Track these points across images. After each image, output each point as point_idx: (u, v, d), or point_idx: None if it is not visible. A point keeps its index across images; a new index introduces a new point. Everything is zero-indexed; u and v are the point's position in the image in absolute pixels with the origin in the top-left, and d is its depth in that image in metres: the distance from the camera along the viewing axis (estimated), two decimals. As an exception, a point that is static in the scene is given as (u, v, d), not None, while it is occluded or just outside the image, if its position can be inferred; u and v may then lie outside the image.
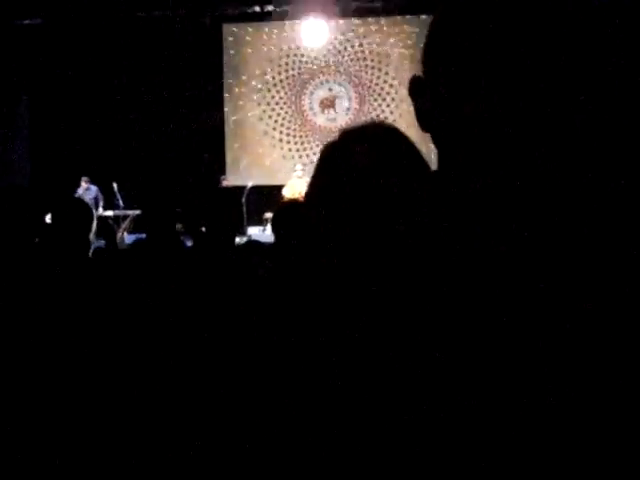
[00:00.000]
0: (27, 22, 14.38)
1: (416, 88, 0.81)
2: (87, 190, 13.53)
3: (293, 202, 3.67)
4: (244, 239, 9.30)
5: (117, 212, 13.46)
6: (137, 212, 13.43)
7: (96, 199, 13.35)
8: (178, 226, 3.62)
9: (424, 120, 0.81)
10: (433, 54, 0.77)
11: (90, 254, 3.29)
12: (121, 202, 13.60)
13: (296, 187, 12.95)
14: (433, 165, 0.96)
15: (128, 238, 12.72)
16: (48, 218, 3.48)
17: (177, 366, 2.38)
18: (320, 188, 1.08)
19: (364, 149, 1.06)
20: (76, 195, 13.23)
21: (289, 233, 2.62)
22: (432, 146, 0.82)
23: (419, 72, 0.81)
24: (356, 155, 1.06)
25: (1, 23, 13.98)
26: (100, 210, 13.23)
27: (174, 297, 2.58)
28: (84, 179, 13.67)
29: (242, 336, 1.11)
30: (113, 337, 2.46)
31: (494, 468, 0.79)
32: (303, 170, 13.42)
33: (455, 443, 0.81)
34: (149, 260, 2.93)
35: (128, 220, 13.50)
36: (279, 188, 13.43)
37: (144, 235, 3.36)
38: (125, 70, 14.72)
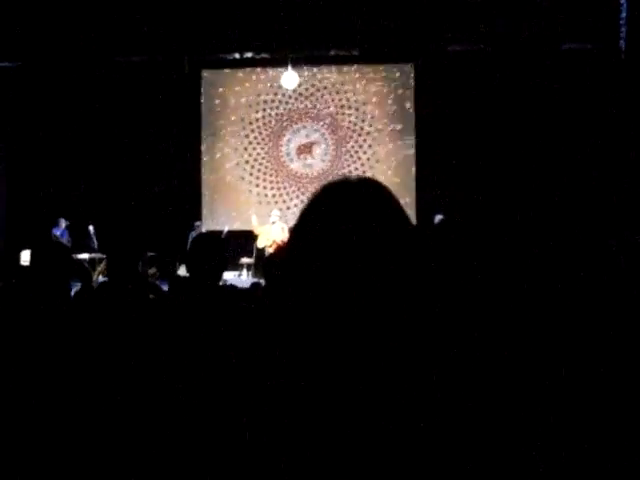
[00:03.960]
0: (4, 64, 14.40)
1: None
2: (64, 230, 13.61)
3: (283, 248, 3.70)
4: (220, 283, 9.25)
5: (93, 255, 13.41)
6: (113, 255, 13.33)
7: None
8: (152, 270, 3.60)
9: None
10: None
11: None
12: (96, 245, 13.56)
13: (271, 233, 12.93)
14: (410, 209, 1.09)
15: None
16: (23, 260, 3.46)
17: (162, 408, 2.35)
18: (303, 239, 1.08)
19: (347, 203, 1.06)
20: (55, 234, 13.28)
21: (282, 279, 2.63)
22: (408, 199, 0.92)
23: (390, 123, 0.97)
24: (339, 209, 1.05)
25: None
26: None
27: (159, 339, 2.57)
28: (62, 220, 13.72)
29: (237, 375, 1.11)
30: (96, 380, 2.43)
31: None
32: (279, 216, 13.45)
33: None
34: (118, 302, 2.93)
35: (103, 263, 13.42)
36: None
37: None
38: (103, 114, 14.74)
